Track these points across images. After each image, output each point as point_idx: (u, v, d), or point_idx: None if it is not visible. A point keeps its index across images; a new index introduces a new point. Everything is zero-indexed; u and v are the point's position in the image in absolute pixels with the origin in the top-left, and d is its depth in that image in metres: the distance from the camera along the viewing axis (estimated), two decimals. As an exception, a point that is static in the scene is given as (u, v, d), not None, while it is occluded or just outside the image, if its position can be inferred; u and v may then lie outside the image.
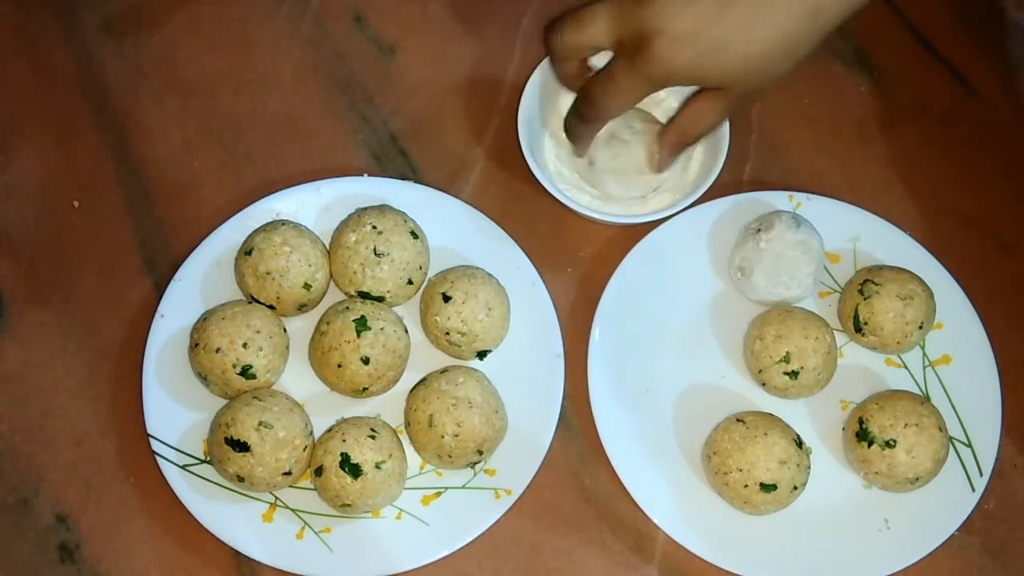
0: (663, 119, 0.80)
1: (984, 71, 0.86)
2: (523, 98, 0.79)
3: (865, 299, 0.74)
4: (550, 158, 0.81)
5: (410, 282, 0.75)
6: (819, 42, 0.64)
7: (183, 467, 0.72)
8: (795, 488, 0.70)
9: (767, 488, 0.69)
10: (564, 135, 0.77)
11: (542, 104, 0.80)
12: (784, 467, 0.69)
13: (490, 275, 0.75)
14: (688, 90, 0.75)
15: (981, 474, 0.73)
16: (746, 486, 0.69)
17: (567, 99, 0.80)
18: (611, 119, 0.73)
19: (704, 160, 0.79)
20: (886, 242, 0.78)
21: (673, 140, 0.73)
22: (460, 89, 0.85)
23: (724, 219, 0.79)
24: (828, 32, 0.64)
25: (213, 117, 0.84)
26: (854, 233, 0.79)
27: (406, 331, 0.74)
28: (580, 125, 0.74)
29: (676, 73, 0.65)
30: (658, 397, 0.75)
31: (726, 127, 0.77)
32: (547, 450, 0.72)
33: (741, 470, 0.69)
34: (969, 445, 0.74)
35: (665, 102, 0.81)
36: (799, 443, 0.71)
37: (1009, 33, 0.88)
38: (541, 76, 0.79)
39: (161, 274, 0.79)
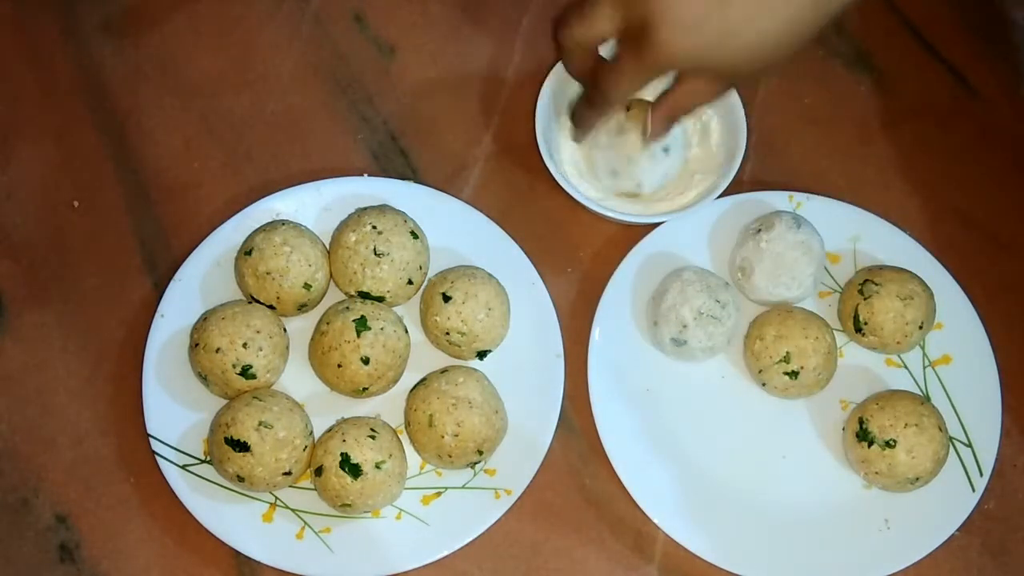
0: None
1: (984, 71, 0.86)
2: (541, 94, 0.78)
3: (865, 299, 0.74)
4: (565, 156, 0.80)
5: (410, 282, 0.75)
6: (818, 31, 0.64)
7: (183, 467, 0.72)
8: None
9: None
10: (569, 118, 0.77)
11: (557, 100, 0.80)
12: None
13: (490, 275, 0.75)
14: None
15: (981, 474, 0.73)
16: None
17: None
18: (617, 105, 0.73)
19: (723, 164, 0.79)
20: (886, 242, 0.78)
21: (664, 113, 0.72)
22: (460, 89, 0.85)
23: (724, 219, 0.79)
24: (828, 21, 0.64)
25: (213, 117, 0.84)
26: (854, 233, 0.79)
27: (406, 331, 0.74)
28: (587, 111, 0.74)
29: (679, 61, 0.65)
30: (658, 397, 0.75)
31: (743, 134, 0.77)
32: (547, 450, 0.72)
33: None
34: (969, 445, 0.74)
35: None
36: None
37: (1009, 33, 0.88)
38: (558, 73, 0.79)
39: (161, 274, 0.79)
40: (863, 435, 0.71)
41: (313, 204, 0.79)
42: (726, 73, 0.67)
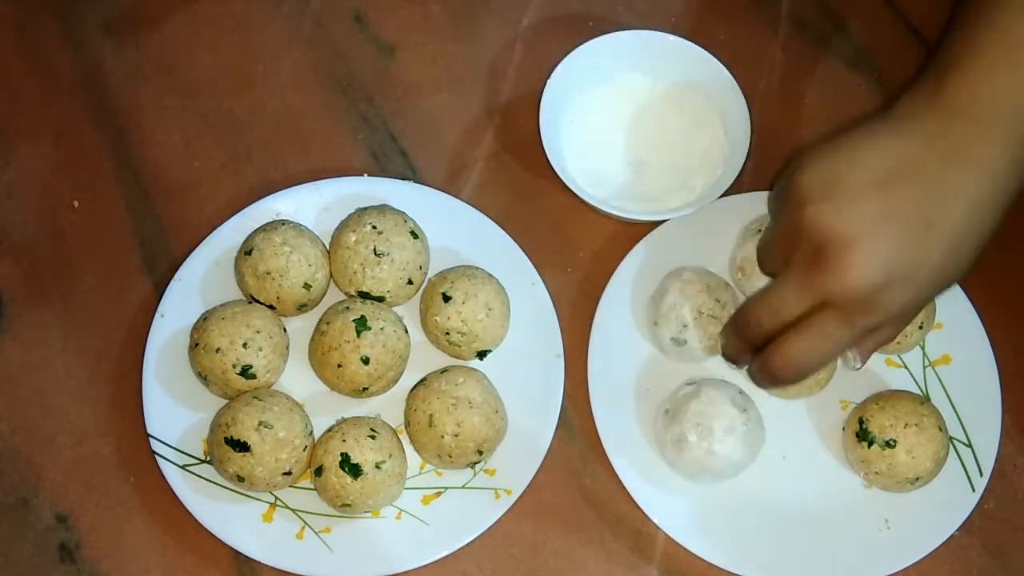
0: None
1: (984, 71, 0.86)
2: (544, 93, 0.78)
3: (865, 299, 0.74)
4: (568, 154, 0.80)
5: (410, 282, 0.75)
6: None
7: (183, 467, 0.72)
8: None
9: None
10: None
11: (561, 99, 0.80)
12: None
13: (490, 275, 0.75)
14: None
15: (981, 474, 0.73)
16: None
17: (589, 92, 0.80)
18: (770, 329, 0.62)
19: (723, 165, 0.79)
20: (886, 242, 0.78)
21: (868, 350, 0.64)
22: (460, 89, 0.85)
23: (724, 219, 0.79)
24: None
25: (213, 117, 0.84)
26: (854, 233, 0.79)
27: (406, 331, 0.74)
28: (737, 341, 0.65)
29: (902, 311, 0.59)
30: (658, 397, 0.75)
31: (747, 135, 0.77)
32: (547, 450, 0.72)
33: None
34: (969, 445, 0.74)
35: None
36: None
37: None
38: (561, 72, 0.79)
39: (161, 274, 0.79)
40: (863, 435, 0.71)
41: (313, 204, 0.79)
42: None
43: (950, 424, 0.73)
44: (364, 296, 0.74)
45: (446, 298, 0.73)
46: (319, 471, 0.70)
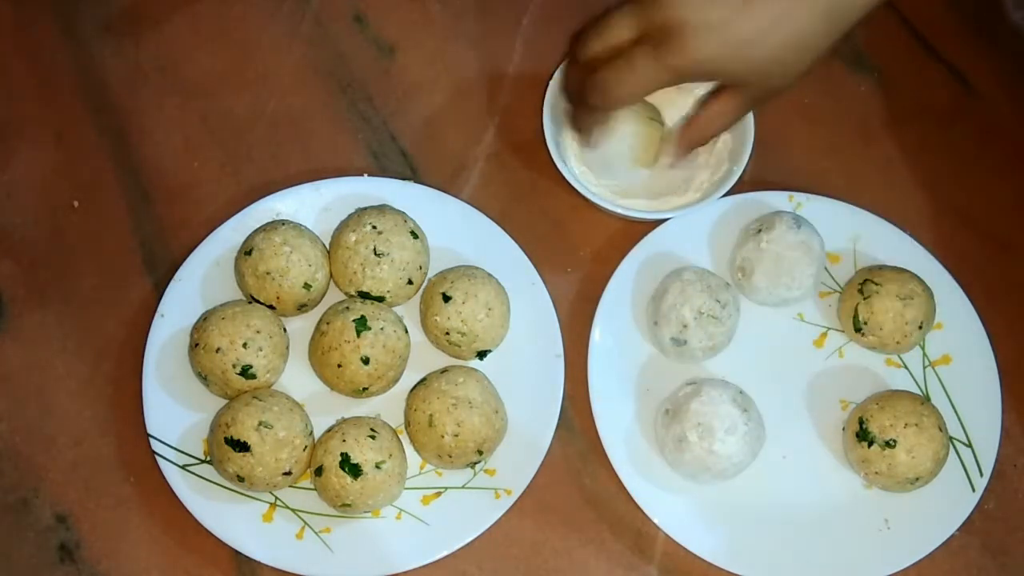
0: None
1: (984, 71, 0.86)
2: (548, 92, 0.78)
3: (865, 299, 0.74)
4: (571, 153, 0.80)
5: (410, 282, 0.75)
6: (834, 43, 0.65)
7: (183, 467, 0.72)
8: None
9: None
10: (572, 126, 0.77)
11: (563, 98, 0.80)
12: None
13: (490, 275, 0.75)
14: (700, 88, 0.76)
15: (981, 474, 0.73)
16: None
17: None
18: (622, 107, 0.72)
19: (728, 161, 0.79)
20: (886, 242, 0.78)
21: (690, 137, 0.73)
22: (460, 89, 0.85)
23: (724, 219, 0.79)
24: (843, 32, 0.65)
25: (213, 117, 0.84)
26: (854, 233, 0.79)
27: (406, 331, 0.74)
28: (588, 114, 0.73)
29: (701, 65, 0.65)
30: (658, 397, 0.75)
31: (750, 136, 0.77)
32: (547, 450, 0.72)
33: None
34: (969, 445, 0.74)
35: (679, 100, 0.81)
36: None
37: (1009, 33, 0.88)
38: (564, 71, 0.79)
39: (161, 274, 0.79)
40: (863, 435, 0.71)
41: (313, 204, 0.79)
42: (746, 83, 0.67)
43: (950, 424, 0.73)
44: (364, 296, 0.74)
45: (446, 298, 0.73)
46: (319, 471, 0.70)
